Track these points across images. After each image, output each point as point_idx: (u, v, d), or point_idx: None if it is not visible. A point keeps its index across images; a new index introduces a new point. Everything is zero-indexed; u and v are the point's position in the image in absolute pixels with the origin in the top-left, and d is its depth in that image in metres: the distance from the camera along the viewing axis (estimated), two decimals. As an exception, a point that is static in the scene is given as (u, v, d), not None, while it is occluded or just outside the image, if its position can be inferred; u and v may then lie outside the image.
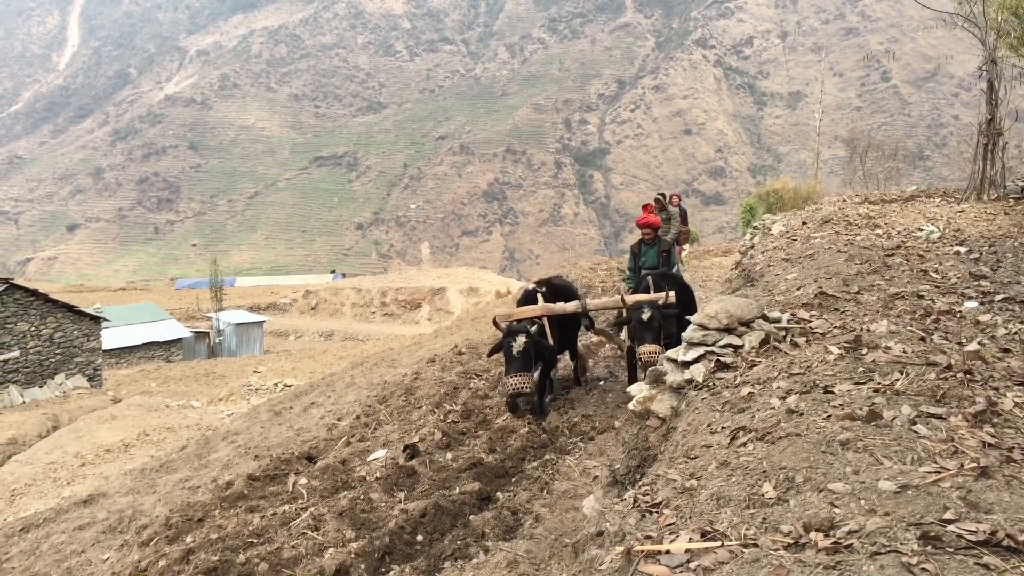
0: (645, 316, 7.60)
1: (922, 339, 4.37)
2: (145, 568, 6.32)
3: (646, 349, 7.42)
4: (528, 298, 8.96)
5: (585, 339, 11.76)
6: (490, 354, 8.71)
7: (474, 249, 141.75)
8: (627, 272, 10.55)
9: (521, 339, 7.58)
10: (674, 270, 9.91)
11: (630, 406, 5.67)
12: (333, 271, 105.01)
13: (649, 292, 8.31)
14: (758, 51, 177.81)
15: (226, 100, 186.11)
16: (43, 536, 8.96)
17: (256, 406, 16.84)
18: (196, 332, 43.99)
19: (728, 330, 4.96)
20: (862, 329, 4.58)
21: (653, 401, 5.29)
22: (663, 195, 14.57)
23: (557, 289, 9.45)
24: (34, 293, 24.00)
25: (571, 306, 8.58)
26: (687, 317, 6.71)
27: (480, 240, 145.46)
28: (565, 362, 10.33)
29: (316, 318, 54.69)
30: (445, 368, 11.78)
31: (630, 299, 8.13)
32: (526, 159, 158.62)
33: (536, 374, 7.97)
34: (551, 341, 8.35)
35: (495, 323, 8.35)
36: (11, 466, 16.41)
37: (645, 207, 10.87)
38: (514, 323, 8.41)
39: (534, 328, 8.12)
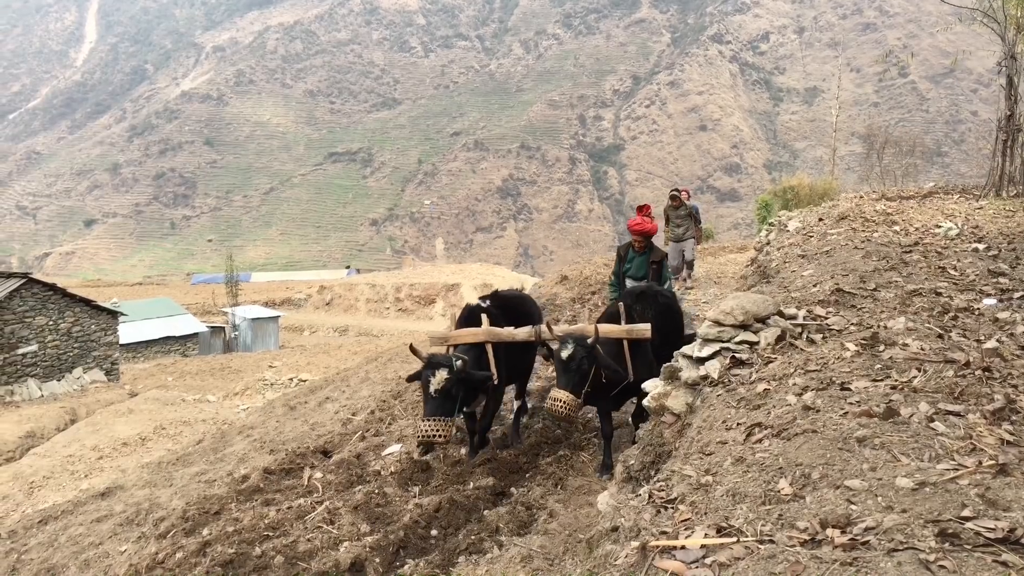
0: (564, 354, 6.03)
1: (940, 336, 4.35)
2: (162, 560, 6.37)
3: (554, 396, 5.95)
4: (471, 317, 7.18)
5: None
6: (409, 380, 6.82)
7: (488, 245, 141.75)
8: (612, 281, 9.08)
9: (441, 375, 6.06)
10: (665, 285, 8.39)
11: (644, 402, 5.67)
12: (347, 267, 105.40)
13: (620, 318, 6.71)
14: (774, 46, 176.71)
15: (242, 96, 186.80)
16: (61, 528, 9.04)
17: (271, 401, 16.94)
18: (212, 327, 44.21)
19: (744, 326, 4.94)
20: (879, 326, 4.56)
21: (668, 397, 5.28)
22: (679, 191, 14.36)
23: (509, 305, 7.74)
24: (52, 288, 24.20)
25: (522, 333, 6.91)
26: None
27: (494, 236, 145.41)
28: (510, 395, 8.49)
29: (331, 314, 54.90)
30: (459, 364, 11.77)
31: (557, 330, 6.61)
32: (540, 155, 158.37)
33: (459, 417, 6.43)
34: (494, 371, 6.74)
35: (412, 350, 6.48)
36: (30, 459, 16.58)
37: (640, 209, 9.13)
38: (450, 350, 6.96)
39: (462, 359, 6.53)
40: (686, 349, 5.31)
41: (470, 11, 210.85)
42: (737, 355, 4.73)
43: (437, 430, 6.00)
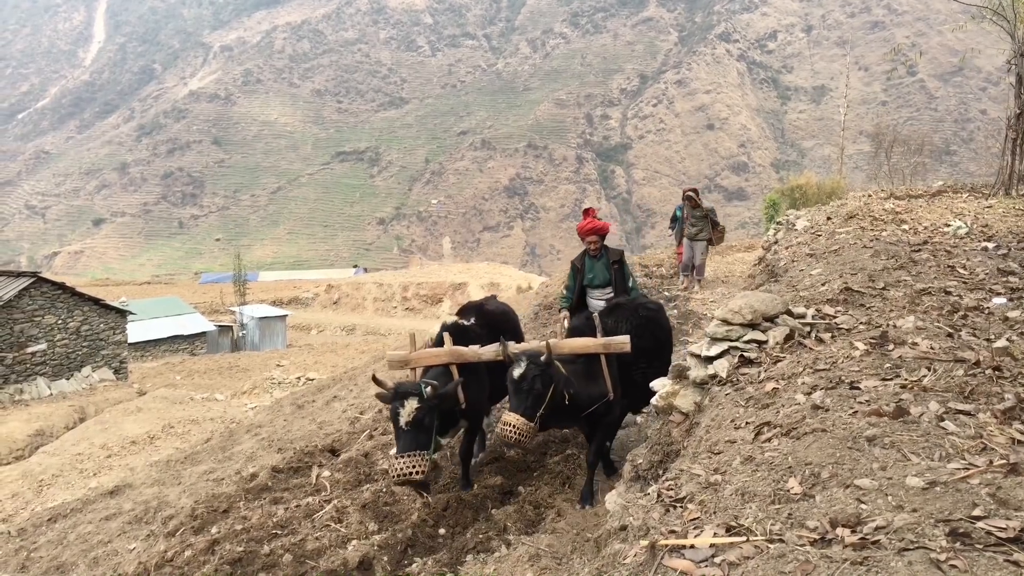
0: (515, 373, 5.43)
1: (949, 335, 4.33)
2: (171, 558, 6.39)
3: (504, 420, 5.36)
4: (454, 335, 6.52)
5: None
6: (379, 398, 5.99)
7: (495, 244, 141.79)
8: (564, 292, 8.33)
9: (411, 405, 5.48)
10: (630, 283, 7.84)
11: (653, 401, 5.66)
12: (355, 266, 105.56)
13: (587, 331, 6.23)
14: (782, 45, 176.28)
15: (249, 95, 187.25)
16: (70, 526, 9.08)
17: (279, 399, 16.97)
18: (220, 326, 44.35)
19: (752, 325, 4.93)
20: (888, 325, 4.54)
21: (676, 396, 5.27)
22: (694, 191, 14.45)
23: (494, 321, 7.18)
24: (61, 287, 24.29)
25: (488, 352, 6.22)
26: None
27: (501, 235, 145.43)
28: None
29: (338, 312, 54.99)
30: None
31: (512, 348, 6.01)
32: (547, 154, 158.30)
33: (433, 452, 5.70)
34: (461, 396, 6.18)
35: (376, 380, 5.82)
36: (39, 457, 16.65)
37: (586, 212, 8.30)
38: (416, 373, 6.39)
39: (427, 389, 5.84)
40: (694, 348, 5.30)
41: (477, 10, 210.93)
42: (745, 354, 4.72)
43: (413, 466, 5.40)
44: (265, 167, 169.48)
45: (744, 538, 2.46)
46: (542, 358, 5.51)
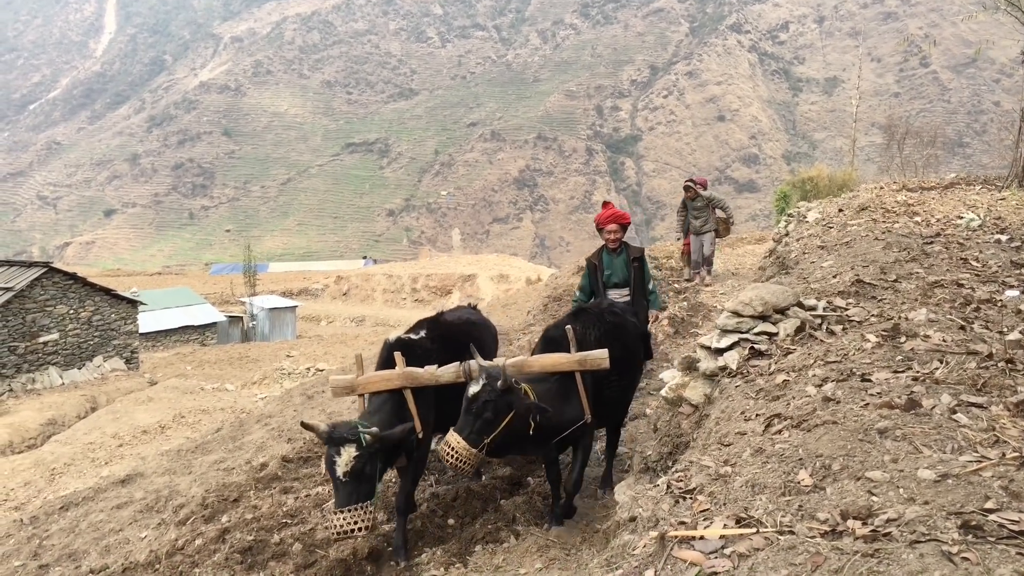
0: (470, 391, 4.72)
1: (962, 328, 4.31)
2: (182, 546, 6.43)
3: (446, 440, 4.63)
4: (394, 355, 5.55)
5: None
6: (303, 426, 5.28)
7: (504, 236, 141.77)
8: (577, 294, 7.76)
9: (348, 454, 4.66)
10: (649, 286, 7.31)
11: (662, 393, 5.66)
12: (364, 257, 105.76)
13: (560, 344, 5.47)
14: (794, 36, 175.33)
15: (259, 87, 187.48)
16: (82, 514, 9.13)
17: (289, 390, 17.03)
18: (230, 316, 44.51)
19: (762, 317, 4.92)
20: (900, 317, 4.52)
21: (686, 388, 5.27)
22: (693, 181, 14.00)
23: (450, 335, 6.14)
24: (73, 277, 24.40)
25: (448, 372, 5.37)
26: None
27: (510, 227, 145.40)
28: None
29: (348, 304, 55.11)
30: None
31: (474, 364, 5.22)
32: (557, 146, 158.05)
33: (374, 503, 4.82)
34: (417, 424, 5.32)
35: (305, 426, 4.98)
36: (51, 446, 16.76)
37: (605, 204, 7.68)
38: (363, 400, 5.64)
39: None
40: (704, 340, 5.29)
41: (487, 1, 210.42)
42: (756, 346, 4.71)
43: (355, 522, 4.65)
44: (275, 158, 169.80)
45: (754, 530, 2.45)
46: (498, 383, 4.68)
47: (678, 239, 15.14)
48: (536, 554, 5.25)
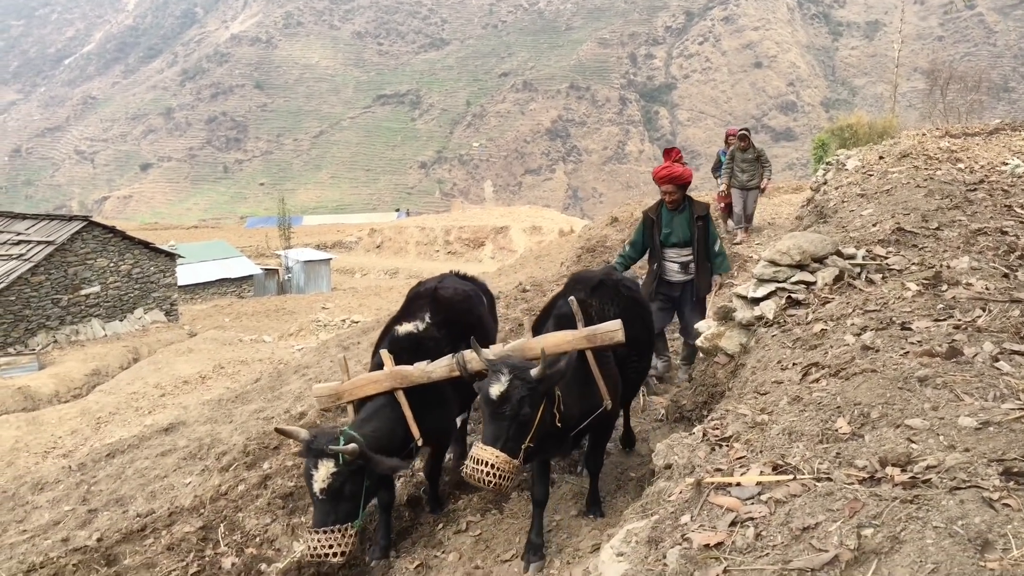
0: (493, 392, 3.95)
1: (1005, 276, 4.23)
2: (226, 492, 6.61)
3: (477, 457, 3.88)
4: (414, 350, 5.02)
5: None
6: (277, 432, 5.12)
7: (537, 187, 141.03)
8: (625, 248, 7.03)
9: (325, 470, 4.16)
10: (715, 247, 6.62)
11: (698, 342, 5.64)
12: (397, 209, 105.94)
13: (573, 320, 4.67)
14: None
15: (290, 38, 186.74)
16: (128, 461, 9.39)
17: (325, 341, 17.24)
18: (266, 269, 44.97)
19: (800, 266, 4.87)
20: (942, 265, 4.45)
21: (721, 338, 5.25)
22: (747, 130, 13.12)
23: (451, 316, 5.44)
24: (112, 230, 24.77)
25: (440, 367, 4.79)
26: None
27: (543, 178, 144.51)
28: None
29: (381, 256, 55.39)
30: (509, 305, 11.85)
31: (486, 354, 4.45)
32: (590, 95, 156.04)
33: (356, 526, 4.29)
34: (414, 429, 4.78)
35: (280, 431, 4.59)
36: (96, 395, 17.20)
37: (667, 152, 6.94)
38: (350, 409, 5.05)
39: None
40: (740, 289, 5.25)
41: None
42: (793, 295, 4.67)
43: (331, 545, 4.15)
44: (307, 111, 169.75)
45: (791, 476, 2.46)
46: (533, 372, 4.00)
47: (722, 191, 14.23)
48: (571, 500, 5.31)
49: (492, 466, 3.85)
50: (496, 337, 6.01)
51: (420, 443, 4.83)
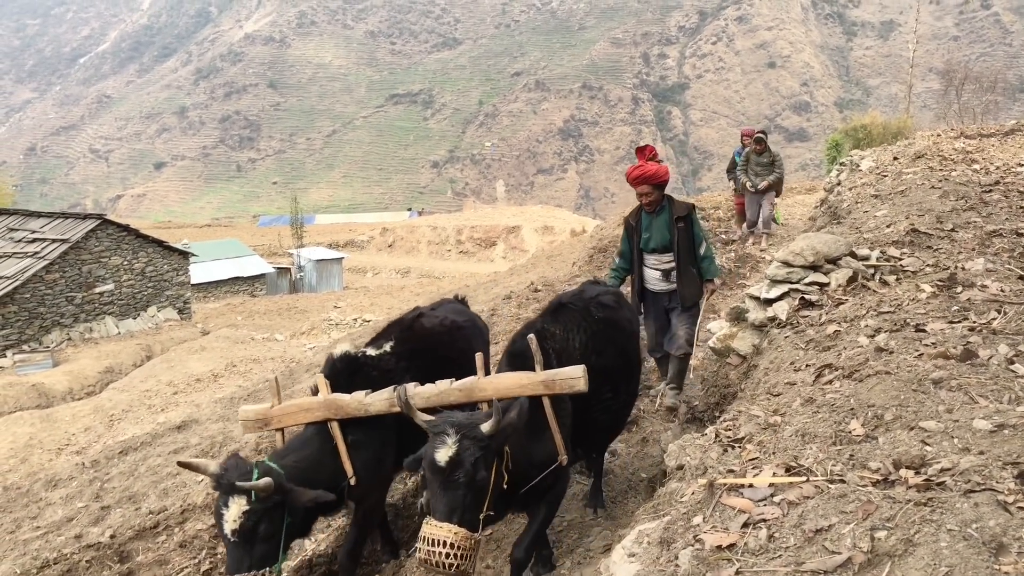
0: (441, 459, 3.33)
1: (1021, 278, 4.20)
2: (238, 490, 6.62)
3: (430, 536, 3.26)
4: (354, 373, 4.53)
5: None
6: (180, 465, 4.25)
7: (549, 187, 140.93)
8: (615, 261, 6.53)
9: (237, 507, 3.60)
10: (701, 250, 6.08)
11: (709, 344, 5.63)
12: (409, 209, 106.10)
13: (528, 359, 4.01)
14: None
15: (304, 38, 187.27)
16: (141, 459, 9.45)
17: (337, 340, 17.28)
18: (278, 268, 45.14)
19: (814, 267, 4.85)
20: (956, 267, 4.42)
21: (734, 339, 5.24)
22: (764, 133, 12.93)
23: (425, 347, 4.92)
24: (126, 229, 24.92)
25: (379, 401, 4.18)
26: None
27: (555, 178, 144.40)
28: None
29: (393, 255, 55.47)
30: (521, 305, 11.84)
31: (416, 395, 4.05)
32: (603, 95, 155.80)
33: (275, 570, 3.74)
34: (348, 467, 4.21)
35: (182, 464, 3.99)
36: (109, 393, 17.30)
37: (640, 150, 6.28)
38: (282, 436, 4.58)
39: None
40: (753, 290, 5.23)
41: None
42: (807, 296, 4.66)
43: None
44: (320, 110, 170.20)
45: (804, 478, 2.45)
46: (484, 427, 3.42)
47: (739, 190, 13.96)
48: (581, 500, 5.31)
49: (451, 545, 3.25)
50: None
51: (352, 481, 4.22)
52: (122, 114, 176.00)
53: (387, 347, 4.77)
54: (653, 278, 6.26)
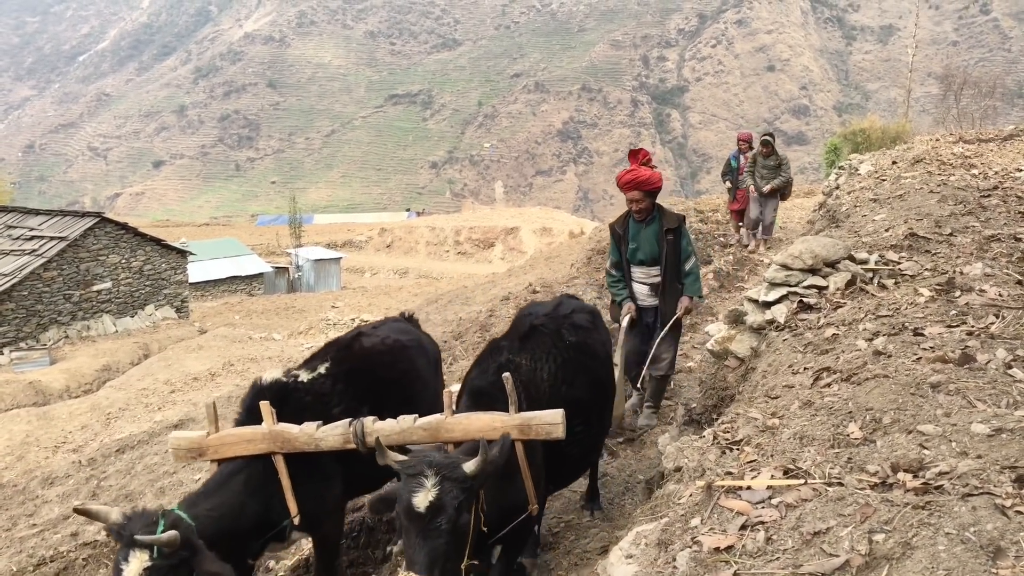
0: (420, 504, 2.94)
1: (1019, 283, 4.21)
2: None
3: None
4: (284, 401, 4.08)
5: None
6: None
7: (548, 189, 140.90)
8: (611, 273, 6.24)
9: (138, 563, 3.12)
10: (686, 266, 5.92)
11: (707, 346, 5.64)
12: (408, 209, 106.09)
13: (497, 398, 3.72)
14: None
15: (303, 37, 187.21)
16: (137, 457, 9.45)
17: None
18: (276, 267, 45.14)
19: (812, 270, 4.86)
20: (955, 271, 4.43)
21: (732, 341, 5.24)
22: (771, 136, 12.58)
23: (364, 368, 4.58)
24: (124, 227, 24.92)
25: (332, 436, 3.83)
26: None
27: (554, 180, 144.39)
28: None
29: (391, 256, 55.47)
30: (519, 306, 11.85)
31: (380, 431, 3.72)
32: (602, 97, 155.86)
33: None
34: (292, 506, 3.88)
35: (79, 511, 3.58)
36: (106, 391, 17.30)
37: (633, 154, 5.99)
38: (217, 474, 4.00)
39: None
40: (751, 293, 5.24)
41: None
42: (805, 299, 4.66)
43: None
44: (319, 110, 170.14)
45: (802, 481, 2.45)
46: (467, 467, 3.08)
47: (732, 196, 13.84)
48: (579, 501, 5.32)
49: None
50: (431, 396, 4.55)
51: (296, 520, 3.87)
52: (121, 112, 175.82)
53: (322, 369, 4.37)
54: (642, 292, 6.06)
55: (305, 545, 5.43)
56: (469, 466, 3.06)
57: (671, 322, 6.02)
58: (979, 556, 1.84)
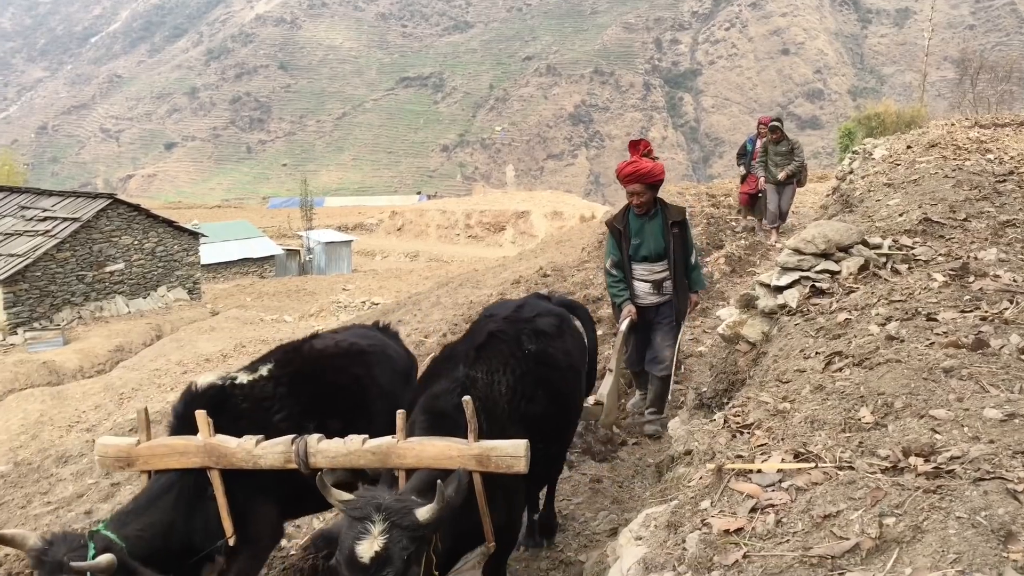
0: (366, 553, 2.62)
1: (1034, 268, 4.18)
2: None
3: None
4: (220, 408, 3.73)
5: None
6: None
7: (559, 172, 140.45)
8: (612, 273, 5.92)
9: None
10: (692, 260, 5.82)
11: (719, 330, 5.62)
12: (419, 192, 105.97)
13: (454, 423, 3.34)
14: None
15: (315, 19, 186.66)
16: (151, 436, 9.52)
17: (346, 322, 17.33)
18: (287, 250, 45.28)
19: (825, 255, 4.83)
20: (969, 257, 4.40)
21: (743, 326, 5.23)
22: (780, 121, 12.31)
23: (313, 373, 4.14)
24: (136, 208, 25.05)
25: (272, 455, 3.48)
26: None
27: (565, 163, 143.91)
28: None
29: (402, 239, 55.52)
30: (530, 290, 11.84)
31: (314, 441, 3.44)
32: (614, 80, 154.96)
33: None
34: (228, 526, 3.56)
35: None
36: (119, 371, 17.44)
37: (633, 144, 5.95)
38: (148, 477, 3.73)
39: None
40: (763, 277, 5.22)
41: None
42: (817, 284, 4.64)
43: None
44: (330, 92, 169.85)
45: (813, 464, 2.45)
46: (420, 514, 2.76)
47: (745, 180, 13.69)
48: (588, 486, 5.34)
49: None
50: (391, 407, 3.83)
51: (232, 541, 3.56)
52: (133, 94, 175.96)
53: (264, 371, 4.00)
54: (643, 290, 5.86)
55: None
56: (422, 513, 2.74)
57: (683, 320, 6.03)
58: (990, 540, 1.83)
